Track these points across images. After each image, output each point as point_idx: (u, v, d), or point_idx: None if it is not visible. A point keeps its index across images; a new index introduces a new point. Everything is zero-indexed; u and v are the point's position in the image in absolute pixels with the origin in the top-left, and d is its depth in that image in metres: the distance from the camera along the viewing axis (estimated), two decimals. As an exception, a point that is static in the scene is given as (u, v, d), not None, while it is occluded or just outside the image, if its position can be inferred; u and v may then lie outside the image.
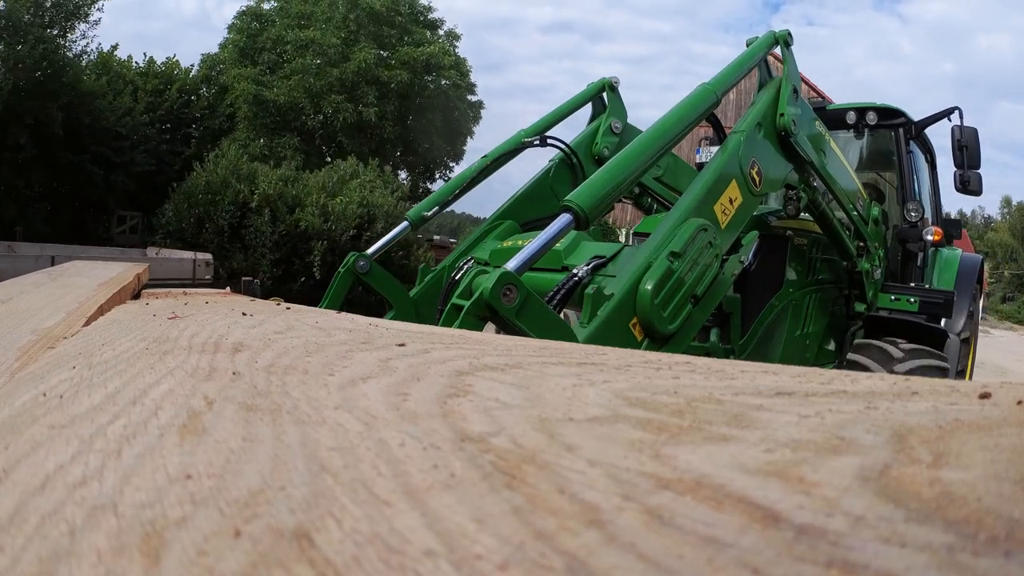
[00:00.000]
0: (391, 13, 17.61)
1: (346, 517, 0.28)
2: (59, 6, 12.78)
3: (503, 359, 0.64)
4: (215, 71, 17.94)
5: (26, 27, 12.04)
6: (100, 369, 0.65)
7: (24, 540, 0.28)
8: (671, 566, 0.23)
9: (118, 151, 13.87)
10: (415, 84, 17.45)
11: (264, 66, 17.47)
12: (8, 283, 1.80)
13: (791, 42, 2.57)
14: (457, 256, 2.82)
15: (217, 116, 16.93)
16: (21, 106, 11.96)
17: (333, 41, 16.76)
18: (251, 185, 12.19)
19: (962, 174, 3.80)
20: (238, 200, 11.97)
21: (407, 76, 17.08)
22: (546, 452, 0.35)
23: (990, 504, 0.26)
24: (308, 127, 17.07)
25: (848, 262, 3.28)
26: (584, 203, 1.76)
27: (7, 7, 11.88)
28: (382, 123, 16.76)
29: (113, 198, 14.33)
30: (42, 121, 12.31)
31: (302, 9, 17.84)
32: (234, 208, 11.91)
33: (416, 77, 17.47)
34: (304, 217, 11.78)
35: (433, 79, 18.21)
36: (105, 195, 14.04)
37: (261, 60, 17.57)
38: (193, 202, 12.08)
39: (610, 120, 3.20)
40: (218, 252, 10.46)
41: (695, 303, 1.93)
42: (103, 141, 13.56)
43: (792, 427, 0.38)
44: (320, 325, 0.97)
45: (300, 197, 12.22)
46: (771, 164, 2.38)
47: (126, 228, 14.67)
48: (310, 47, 16.79)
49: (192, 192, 12.25)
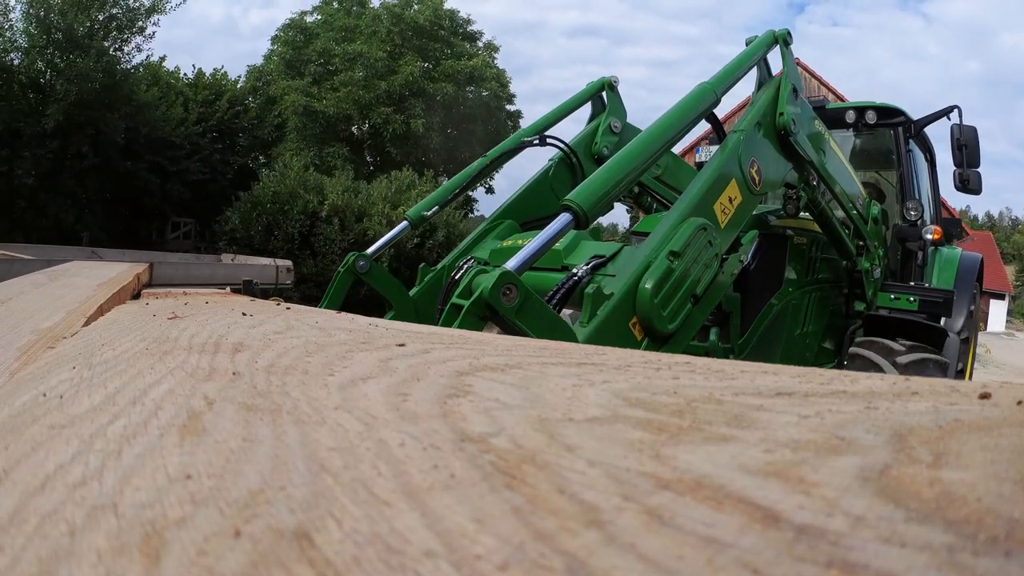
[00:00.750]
0: (434, 27, 18.31)
1: (346, 517, 0.28)
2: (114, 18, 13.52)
3: (503, 359, 0.64)
4: (261, 82, 18.70)
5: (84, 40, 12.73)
6: (100, 369, 0.65)
7: (24, 540, 0.28)
8: (671, 566, 0.23)
9: (173, 160, 14.64)
10: (459, 96, 17.97)
11: (311, 78, 18.14)
12: (8, 283, 1.80)
13: (790, 41, 2.57)
14: (457, 256, 2.82)
15: (265, 126, 17.69)
16: (82, 116, 12.67)
17: (379, 55, 17.47)
18: (319, 195, 13.12)
19: (961, 172, 3.79)
20: (307, 210, 12.89)
21: (451, 88, 17.66)
22: (546, 452, 0.35)
23: (990, 504, 0.26)
24: (356, 137, 17.49)
25: (848, 261, 3.28)
26: (584, 202, 1.76)
27: (67, 22, 12.60)
28: (429, 133, 17.14)
29: (169, 205, 15.09)
30: (103, 131, 13.00)
31: (346, 22, 18.54)
32: (303, 217, 12.81)
33: (459, 89, 18.08)
34: (371, 226, 12.68)
35: (474, 90, 18.87)
36: (161, 202, 14.82)
37: (307, 72, 18.23)
38: (261, 211, 12.99)
39: (609, 119, 3.19)
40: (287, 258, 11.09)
41: (695, 302, 1.93)
42: (158, 150, 14.32)
43: (792, 427, 0.38)
44: (320, 325, 0.97)
45: (365, 207, 13.09)
46: (771, 163, 2.38)
47: (180, 234, 15.44)
48: (358, 60, 17.48)
49: (260, 201, 13.12)
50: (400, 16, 18.06)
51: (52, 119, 12.29)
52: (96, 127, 13.03)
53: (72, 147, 12.76)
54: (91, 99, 12.79)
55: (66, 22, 12.66)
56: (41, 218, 12.82)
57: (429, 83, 17.71)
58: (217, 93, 17.09)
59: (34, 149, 12.38)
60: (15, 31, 12.98)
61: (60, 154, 12.72)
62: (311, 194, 13.01)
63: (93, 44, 12.86)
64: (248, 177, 16.05)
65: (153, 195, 14.59)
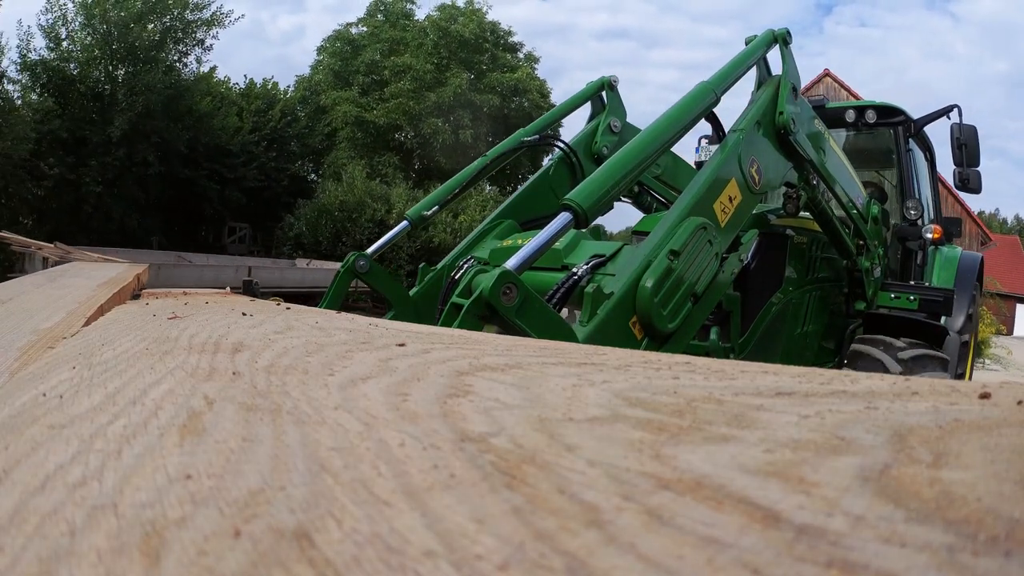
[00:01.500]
0: (479, 40, 18.96)
1: (346, 517, 0.28)
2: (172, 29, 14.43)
3: (503, 359, 0.64)
4: (310, 92, 19.43)
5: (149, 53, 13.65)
6: (100, 369, 0.65)
7: (24, 540, 0.28)
8: (671, 566, 0.23)
9: (230, 168, 15.54)
10: (504, 107, 18.69)
11: (359, 88, 18.87)
12: (8, 284, 1.80)
13: (790, 41, 2.56)
14: (457, 255, 2.82)
15: (315, 135, 18.43)
16: (148, 126, 13.46)
17: (427, 67, 18.10)
18: (386, 204, 14.06)
19: (961, 172, 3.79)
20: (375, 218, 13.85)
21: (497, 100, 18.34)
22: (546, 452, 0.35)
23: (990, 504, 0.26)
24: (407, 146, 17.92)
25: (848, 260, 3.28)
26: (583, 202, 1.76)
27: (129, 34, 13.44)
28: (476, 143, 17.60)
29: (226, 211, 15.97)
30: (167, 140, 13.83)
31: (392, 35, 19.25)
32: (372, 225, 13.74)
33: (505, 100, 18.67)
34: (436, 234, 13.42)
35: (518, 101, 19.52)
36: (219, 208, 15.74)
37: (355, 83, 18.96)
38: (329, 218, 13.98)
39: (609, 119, 3.19)
40: (355, 264, 12.01)
41: (695, 301, 1.93)
42: (215, 158, 15.19)
43: (792, 427, 0.38)
44: (320, 325, 0.97)
45: (428, 215, 14.31)
46: (770, 162, 2.37)
47: (235, 238, 16.25)
48: (408, 72, 18.11)
49: (327, 209, 14.07)
50: (446, 30, 18.74)
51: (119, 129, 12.99)
52: (161, 136, 13.83)
53: (138, 155, 13.51)
54: (157, 110, 13.64)
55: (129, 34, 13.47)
56: (107, 222, 13.46)
57: (476, 94, 18.30)
58: (269, 103, 17.92)
59: (100, 157, 13.01)
60: (74, 42, 13.75)
61: (126, 162, 13.42)
62: (378, 203, 13.92)
63: (157, 56, 13.80)
64: (301, 184, 17.38)
65: (212, 201, 15.44)
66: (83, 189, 12.88)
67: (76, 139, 12.87)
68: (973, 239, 19.83)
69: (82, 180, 12.80)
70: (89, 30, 13.76)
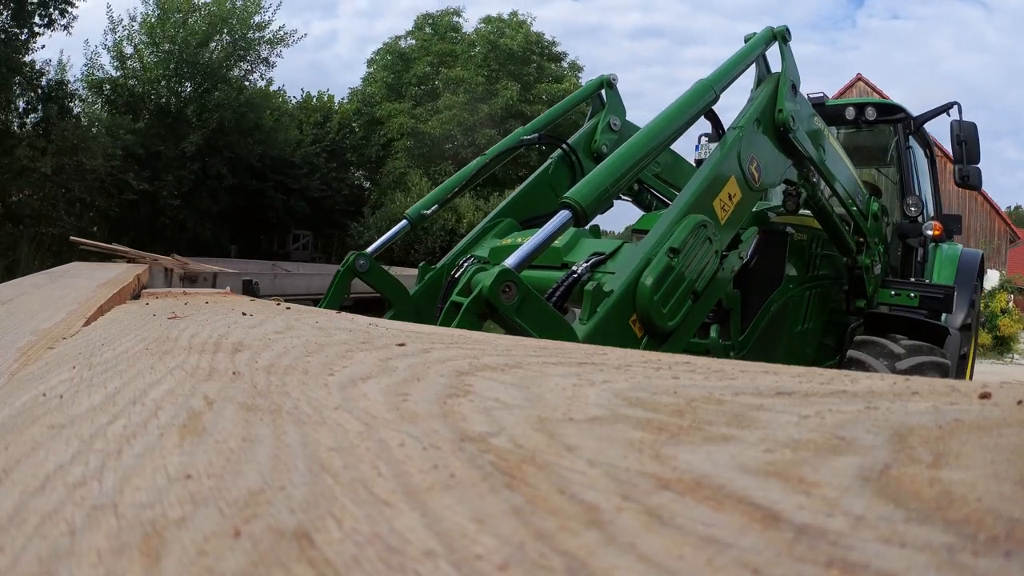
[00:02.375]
0: (527, 53, 19.71)
1: (346, 517, 0.28)
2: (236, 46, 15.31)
3: (503, 359, 0.64)
4: (364, 104, 20.34)
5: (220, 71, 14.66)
6: (100, 369, 0.65)
7: (24, 540, 0.28)
8: (671, 566, 0.23)
9: (295, 178, 16.47)
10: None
11: (412, 101, 19.63)
12: (8, 284, 1.80)
13: (789, 38, 2.56)
14: (457, 254, 2.82)
15: (371, 145, 19.29)
16: (221, 141, 14.66)
17: (479, 80, 18.84)
18: (455, 213, 14.71)
19: (961, 169, 3.79)
20: (446, 227, 14.66)
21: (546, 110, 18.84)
22: (546, 452, 0.35)
23: (990, 504, 0.26)
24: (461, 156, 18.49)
25: (848, 258, 3.28)
26: (583, 200, 1.76)
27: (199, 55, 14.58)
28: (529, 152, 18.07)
29: (291, 219, 16.96)
30: (239, 155, 14.79)
31: (441, 47, 20.04)
32: (444, 234, 14.58)
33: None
34: None
35: None
36: (284, 217, 16.77)
37: (408, 95, 19.77)
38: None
39: (608, 117, 3.19)
40: (428, 270, 12.79)
41: (695, 299, 1.93)
42: (280, 169, 16.16)
43: (792, 427, 0.38)
44: (320, 325, 0.97)
45: (493, 223, 15.22)
46: (770, 160, 2.37)
47: (299, 245, 17.07)
48: (461, 85, 18.82)
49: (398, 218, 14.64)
50: (495, 43, 19.48)
51: (193, 144, 13.92)
52: (233, 151, 14.84)
53: (211, 169, 14.55)
54: (230, 126, 14.59)
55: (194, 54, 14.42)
56: (181, 232, 14.26)
57: (526, 105, 18.86)
58: (326, 115, 18.79)
59: (176, 171, 13.89)
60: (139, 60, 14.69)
61: (200, 175, 14.39)
62: (448, 212, 14.47)
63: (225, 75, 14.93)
64: (358, 193, 18.53)
65: (277, 211, 16.47)
66: (160, 201, 13.72)
67: (150, 154, 13.60)
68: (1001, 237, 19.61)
69: (159, 193, 13.56)
70: (153, 48, 14.68)
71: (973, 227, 18.68)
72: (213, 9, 15.11)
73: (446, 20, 20.71)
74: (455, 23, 20.73)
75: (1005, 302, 15.17)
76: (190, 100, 14.65)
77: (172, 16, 14.75)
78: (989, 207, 19.79)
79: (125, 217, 13.49)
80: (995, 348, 13.89)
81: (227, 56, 15.22)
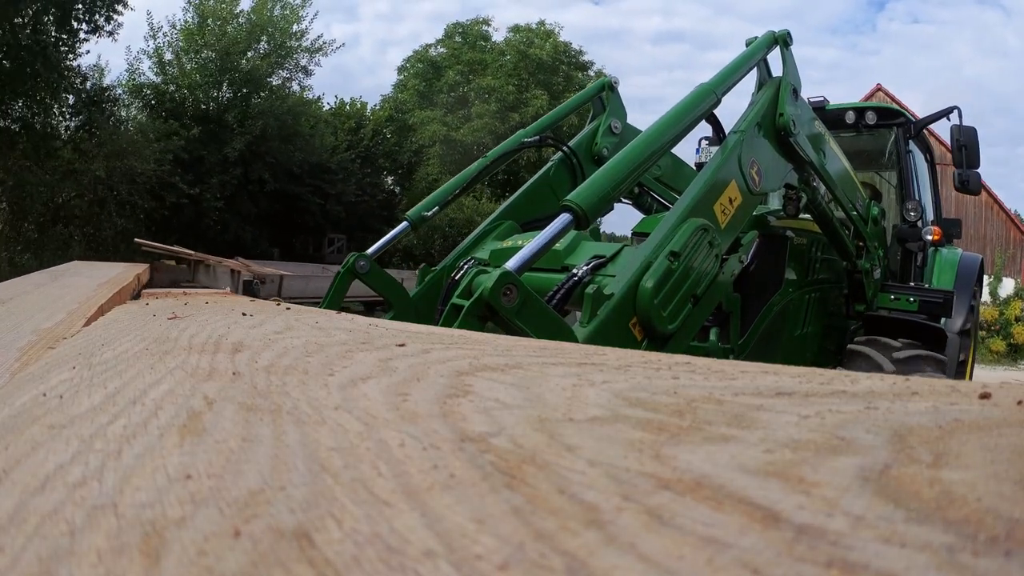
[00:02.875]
0: (556, 62, 20.15)
1: (346, 517, 0.28)
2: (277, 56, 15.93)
3: (503, 359, 0.64)
4: (396, 111, 20.85)
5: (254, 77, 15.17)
6: (100, 369, 0.65)
7: (24, 540, 0.28)
8: (671, 566, 0.23)
9: (331, 183, 16.95)
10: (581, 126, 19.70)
11: (444, 109, 20.01)
12: (9, 283, 1.80)
13: (790, 42, 2.57)
14: (457, 256, 2.82)
15: (403, 152, 19.73)
16: (263, 147, 15.10)
17: (510, 89, 19.29)
18: None
19: (961, 173, 3.79)
20: None
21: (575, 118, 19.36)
22: (546, 452, 0.35)
23: (990, 504, 0.26)
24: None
25: (848, 262, 3.28)
26: (584, 203, 1.76)
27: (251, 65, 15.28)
28: None
29: (327, 223, 17.42)
30: (280, 160, 15.48)
31: (472, 56, 20.56)
32: None
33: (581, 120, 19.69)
34: None
35: None
36: (321, 221, 17.26)
37: (439, 103, 20.16)
38: (440, 233, 15.54)
39: (609, 120, 3.20)
40: (467, 275, 13.37)
41: (695, 303, 1.93)
42: (317, 175, 16.69)
43: (792, 427, 0.38)
44: (320, 325, 0.97)
45: (529, 230, 15.98)
46: (770, 164, 2.38)
47: (334, 248, 17.37)
48: (493, 94, 19.27)
49: (438, 226, 15.45)
50: (525, 53, 19.93)
51: (235, 150, 14.42)
52: (274, 157, 15.34)
53: (254, 174, 15.09)
54: (272, 133, 15.18)
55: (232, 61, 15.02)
56: (223, 234, 14.70)
57: None
58: (359, 122, 19.34)
59: (219, 175, 14.35)
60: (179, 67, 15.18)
61: (242, 179, 14.93)
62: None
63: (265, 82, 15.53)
64: (392, 198, 19.05)
65: (314, 214, 16.91)
66: (204, 204, 14.14)
67: (194, 158, 14.06)
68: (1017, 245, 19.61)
69: (203, 196, 13.99)
70: (192, 55, 15.17)
71: (989, 236, 18.81)
72: (252, 18, 15.51)
73: (476, 29, 21.23)
74: (484, 32, 21.25)
75: (1020, 309, 15.19)
76: (230, 106, 15.12)
77: (211, 23, 15.14)
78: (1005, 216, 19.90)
79: (170, 219, 13.95)
80: (1009, 355, 13.95)
81: (267, 64, 15.59)
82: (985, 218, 18.90)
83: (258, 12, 15.65)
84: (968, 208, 15.37)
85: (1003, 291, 16.06)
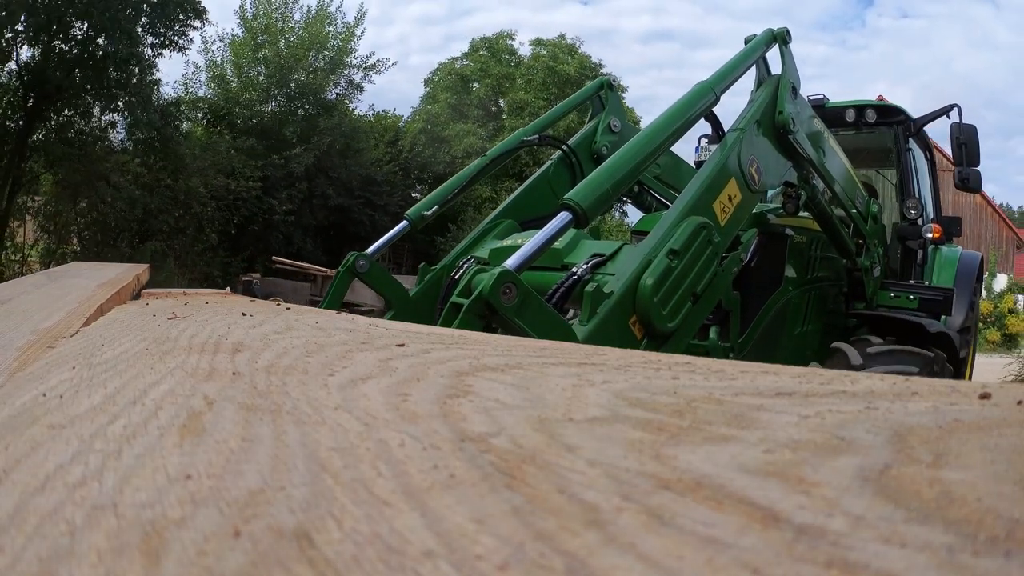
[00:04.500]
0: (582, 77, 20.90)
1: (346, 517, 0.28)
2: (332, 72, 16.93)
3: (503, 359, 0.64)
4: (429, 124, 21.59)
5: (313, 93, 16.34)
6: (100, 369, 0.65)
7: (24, 540, 0.28)
8: (671, 566, 0.23)
9: (378, 195, 18.02)
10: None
11: (476, 122, 20.92)
12: (8, 283, 1.80)
13: (789, 40, 2.57)
14: (457, 255, 2.82)
15: (437, 163, 20.31)
16: (325, 163, 16.16)
17: (540, 103, 19.94)
18: None
19: (961, 171, 3.79)
20: None
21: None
22: (546, 452, 0.35)
23: (990, 504, 0.26)
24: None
25: (848, 259, 3.28)
26: (583, 201, 1.76)
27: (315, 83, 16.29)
28: None
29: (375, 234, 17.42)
30: (342, 177, 16.61)
31: (499, 70, 21.45)
32: None
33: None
34: None
35: None
36: (369, 231, 17.94)
37: (470, 115, 21.05)
38: None
39: (609, 119, 3.20)
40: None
41: (695, 301, 1.93)
42: (366, 187, 17.76)
43: (792, 427, 0.38)
44: (320, 325, 0.97)
45: (568, 238, 16.68)
46: (770, 162, 2.38)
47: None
48: (526, 108, 20.05)
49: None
50: (553, 69, 20.77)
51: (301, 165, 15.35)
52: (336, 172, 16.44)
53: (317, 188, 16.24)
54: (335, 150, 16.33)
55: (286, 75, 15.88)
56: (287, 245, 15.68)
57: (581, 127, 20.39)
58: (396, 134, 20.08)
59: (287, 189, 15.37)
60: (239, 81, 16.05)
61: (307, 194, 15.99)
62: None
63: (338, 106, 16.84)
64: None
65: (364, 225, 17.69)
66: (275, 217, 15.26)
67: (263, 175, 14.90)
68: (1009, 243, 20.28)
69: (273, 209, 15.10)
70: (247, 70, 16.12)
71: (984, 235, 19.65)
72: (303, 35, 16.42)
73: (501, 44, 22.02)
74: (509, 46, 22.09)
75: (1012, 302, 16.52)
76: (286, 121, 16.09)
77: (264, 39, 16.08)
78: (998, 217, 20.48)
79: (242, 231, 14.67)
80: (1004, 344, 15.26)
81: (320, 80, 16.52)
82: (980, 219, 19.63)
83: (310, 29, 16.44)
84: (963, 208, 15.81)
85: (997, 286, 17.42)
